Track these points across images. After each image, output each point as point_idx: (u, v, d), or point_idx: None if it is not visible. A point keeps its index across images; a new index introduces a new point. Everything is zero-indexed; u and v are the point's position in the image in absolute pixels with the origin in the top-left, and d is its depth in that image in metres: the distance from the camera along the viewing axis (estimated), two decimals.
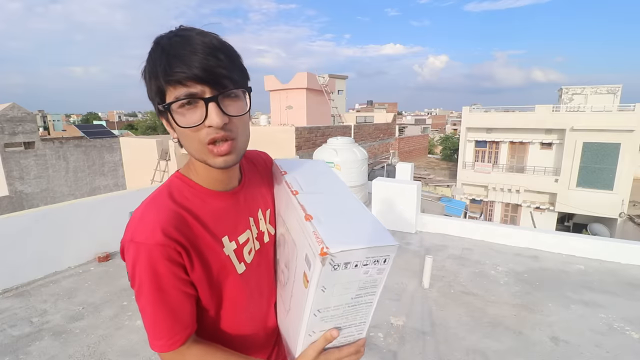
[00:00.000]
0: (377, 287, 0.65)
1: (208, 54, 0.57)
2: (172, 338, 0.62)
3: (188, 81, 0.56)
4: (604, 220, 15.70)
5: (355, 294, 0.64)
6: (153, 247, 0.58)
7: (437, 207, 9.87)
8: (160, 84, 0.58)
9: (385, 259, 0.62)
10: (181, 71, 0.55)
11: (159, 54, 0.58)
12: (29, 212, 3.57)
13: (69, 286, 3.30)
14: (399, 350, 2.44)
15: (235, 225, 0.72)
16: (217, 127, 0.58)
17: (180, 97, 0.57)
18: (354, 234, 0.62)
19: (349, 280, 0.62)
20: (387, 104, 49.57)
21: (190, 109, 0.58)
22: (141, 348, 2.42)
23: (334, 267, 0.59)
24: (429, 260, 3.35)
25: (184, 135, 0.61)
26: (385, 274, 0.64)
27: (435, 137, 37.37)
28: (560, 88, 19.58)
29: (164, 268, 0.59)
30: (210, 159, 0.62)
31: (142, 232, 0.59)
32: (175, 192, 0.67)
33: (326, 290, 0.61)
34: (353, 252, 0.59)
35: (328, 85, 15.01)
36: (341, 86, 23.46)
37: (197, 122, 0.58)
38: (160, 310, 0.61)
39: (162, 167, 11.81)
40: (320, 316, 0.65)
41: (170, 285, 0.61)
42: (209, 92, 0.57)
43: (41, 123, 53.66)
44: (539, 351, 2.44)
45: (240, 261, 0.71)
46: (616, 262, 3.93)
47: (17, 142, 11.28)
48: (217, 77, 0.57)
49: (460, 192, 17.65)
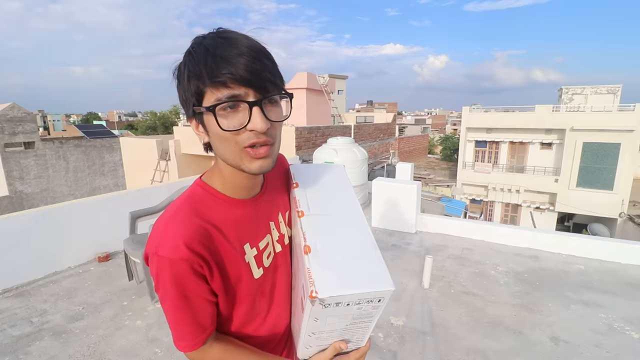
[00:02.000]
0: (373, 318, 0.66)
1: (254, 57, 0.56)
2: (193, 340, 0.65)
3: (233, 83, 0.55)
4: (604, 220, 15.70)
5: (350, 322, 0.66)
6: (177, 262, 0.60)
7: (437, 207, 9.87)
8: (200, 85, 0.57)
9: (380, 299, 0.62)
10: (228, 72, 0.55)
11: (203, 54, 0.56)
12: (29, 212, 3.56)
13: (69, 286, 3.30)
14: (399, 350, 2.44)
15: (256, 231, 0.73)
16: (259, 132, 0.58)
17: (222, 99, 0.56)
18: (349, 275, 0.62)
19: (342, 313, 0.63)
20: (387, 104, 49.57)
21: (232, 112, 0.57)
22: (141, 348, 2.42)
23: (324, 306, 0.60)
24: (429, 260, 3.35)
25: (221, 138, 0.60)
26: (380, 310, 0.65)
27: (435, 137, 37.37)
28: (560, 88, 19.58)
29: (186, 280, 0.61)
30: (247, 163, 0.61)
31: (166, 245, 0.60)
32: (197, 202, 0.67)
33: (319, 320, 0.63)
34: (343, 296, 0.59)
35: (328, 85, 15.01)
36: (341, 86, 23.46)
37: (239, 126, 0.58)
38: (183, 316, 0.64)
39: (162, 167, 11.81)
40: (315, 337, 0.68)
41: (192, 294, 0.63)
42: (253, 95, 0.57)
43: (41, 123, 53.67)
44: (539, 351, 2.44)
45: (259, 266, 0.72)
46: (616, 262, 3.93)
47: (17, 142, 11.28)
48: (262, 81, 0.57)
49: (460, 192, 17.65)
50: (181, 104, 0.63)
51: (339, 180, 0.84)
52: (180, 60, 0.61)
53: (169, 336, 2.54)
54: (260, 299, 0.75)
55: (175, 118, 35.26)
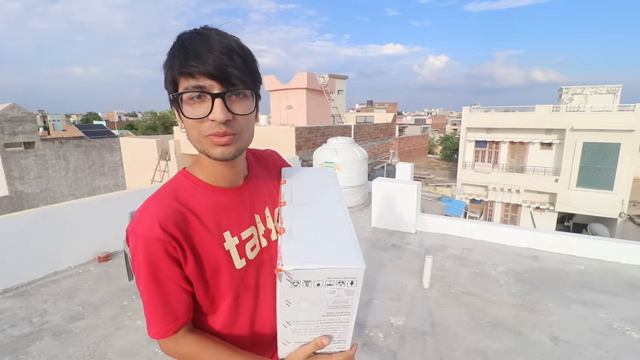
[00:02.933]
0: (350, 308, 0.64)
1: (223, 53, 0.60)
2: (165, 327, 0.66)
3: (199, 75, 0.60)
4: (604, 220, 15.69)
5: (326, 312, 0.63)
6: (150, 240, 0.62)
7: (437, 207, 9.87)
8: (174, 75, 0.62)
9: (352, 281, 0.60)
10: (195, 65, 0.59)
11: (178, 47, 0.62)
12: (29, 212, 3.56)
13: (69, 286, 3.30)
14: (399, 350, 2.44)
15: (238, 220, 0.74)
16: (219, 122, 0.61)
17: (189, 88, 0.61)
18: (319, 252, 0.61)
19: (314, 298, 0.61)
20: (387, 104, 49.57)
21: (198, 102, 0.62)
22: (141, 348, 2.42)
23: (293, 284, 0.59)
24: (429, 260, 3.35)
25: (189, 125, 0.64)
26: (356, 296, 0.62)
27: (435, 137, 37.37)
28: (560, 88, 19.58)
29: (159, 261, 0.63)
30: (210, 149, 0.65)
31: (142, 224, 0.64)
32: (178, 188, 0.70)
33: (291, 304, 0.62)
34: (309, 271, 0.58)
35: (328, 85, 15.01)
36: (341, 86, 23.45)
37: (202, 115, 0.61)
38: (155, 299, 0.65)
39: (162, 167, 11.81)
40: (291, 328, 0.65)
41: (164, 277, 0.64)
42: (218, 88, 0.61)
43: (41, 123, 53.65)
44: (539, 351, 2.44)
45: (242, 257, 0.73)
46: (616, 262, 3.93)
47: (17, 142, 11.28)
48: (227, 76, 0.60)
49: (460, 192, 17.65)
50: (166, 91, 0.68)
51: (327, 180, 0.86)
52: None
53: None
54: (245, 293, 0.74)
55: (175, 118, 35.28)
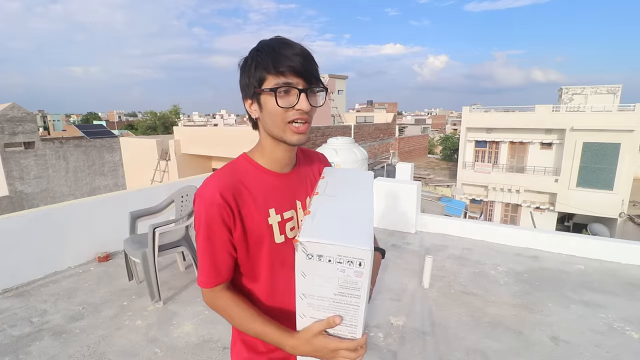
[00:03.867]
0: (360, 291, 0.68)
1: (306, 57, 0.77)
2: (208, 279, 0.80)
3: (289, 73, 0.75)
4: (604, 220, 15.70)
5: (337, 291, 0.68)
6: (211, 204, 0.76)
7: (437, 207, 9.87)
8: (264, 73, 0.75)
9: (360, 262, 0.65)
10: (287, 64, 0.74)
11: (269, 51, 0.76)
12: (29, 212, 3.56)
13: (69, 286, 3.30)
14: (399, 350, 2.44)
15: (282, 201, 0.86)
16: (304, 111, 0.77)
17: (280, 84, 0.75)
18: (334, 232, 0.68)
19: (326, 274, 0.67)
20: (387, 104, 49.54)
21: (285, 95, 0.76)
22: (141, 348, 2.42)
23: (308, 256, 0.66)
24: (429, 260, 3.35)
25: (273, 114, 0.77)
26: (364, 279, 0.66)
27: (435, 137, 37.37)
28: (560, 88, 19.58)
29: (214, 223, 0.77)
30: (289, 135, 0.79)
31: (206, 190, 0.78)
32: (238, 167, 0.85)
33: (306, 277, 0.68)
34: (322, 245, 0.65)
35: (328, 85, 15.01)
36: (341, 86, 23.45)
37: (290, 105, 0.76)
38: (205, 254, 0.79)
39: (162, 167, 11.81)
40: (307, 301, 0.71)
41: (216, 238, 0.78)
42: (302, 84, 0.76)
43: (41, 123, 53.65)
44: (539, 351, 2.44)
45: (282, 233, 0.85)
46: (616, 262, 3.93)
47: (17, 142, 11.28)
48: (309, 75, 0.77)
49: (460, 192, 17.65)
50: (242, 87, 0.82)
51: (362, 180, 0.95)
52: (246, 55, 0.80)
53: (168, 336, 2.54)
54: (281, 268, 0.85)
55: (175, 118, 35.22)
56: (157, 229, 2.81)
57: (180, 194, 3.38)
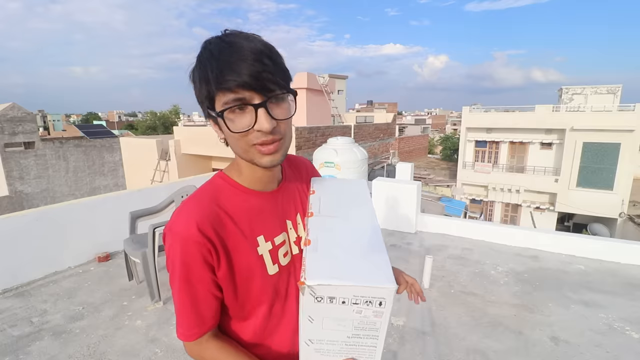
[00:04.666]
0: (378, 331, 0.60)
1: (255, 59, 0.59)
2: (190, 330, 0.67)
3: (237, 88, 0.58)
4: (604, 220, 15.70)
5: (352, 333, 0.60)
6: (187, 241, 0.62)
7: (437, 207, 9.87)
8: (210, 89, 0.60)
9: (381, 302, 0.57)
10: (231, 79, 0.58)
11: (208, 59, 0.60)
12: (29, 212, 3.56)
13: (69, 286, 3.30)
14: (399, 350, 2.44)
15: (271, 225, 0.74)
16: (266, 132, 0.61)
17: (229, 102, 0.60)
18: (345, 269, 0.59)
19: (339, 316, 0.59)
20: (387, 104, 49.55)
21: (240, 114, 0.61)
22: (141, 348, 2.42)
23: (317, 299, 0.57)
24: (429, 260, 3.35)
25: (233, 138, 0.64)
26: (384, 318, 0.59)
27: (435, 137, 37.37)
28: (560, 88, 19.59)
29: (193, 263, 0.63)
30: (258, 158, 0.65)
31: (179, 224, 0.64)
32: (216, 190, 0.70)
33: (314, 321, 0.59)
34: (334, 287, 0.56)
35: (328, 85, 15.02)
36: (341, 86, 23.46)
37: (247, 127, 0.61)
38: (185, 300, 0.66)
39: (162, 167, 11.81)
40: (314, 347, 0.62)
41: (196, 280, 0.65)
42: (258, 98, 0.60)
43: (41, 123, 53.65)
44: (539, 351, 2.44)
45: (274, 262, 0.72)
46: (616, 262, 3.93)
47: (17, 142, 11.28)
48: (263, 83, 0.59)
49: (460, 192, 17.65)
50: (199, 104, 0.67)
51: (357, 192, 0.85)
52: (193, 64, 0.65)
53: (168, 336, 2.54)
54: (271, 298, 0.72)
55: (175, 118, 35.23)
56: (157, 229, 2.80)
57: (180, 194, 3.38)
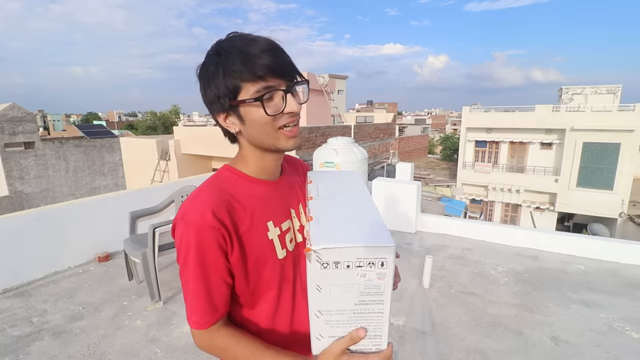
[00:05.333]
0: (384, 295, 0.61)
1: (277, 50, 0.66)
2: (203, 318, 0.67)
3: (268, 76, 0.64)
4: (604, 220, 15.70)
5: (358, 300, 0.61)
6: (202, 227, 0.64)
7: (437, 207, 9.87)
8: (238, 81, 0.64)
9: (383, 262, 0.59)
10: (264, 66, 0.63)
11: (237, 53, 0.64)
12: (29, 212, 3.56)
13: (69, 286, 3.30)
14: (399, 350, 2.44)
15: (279, 211, 0.77)
16: (294, 113, 0.68)
17: (261, 90, 0.64)
18: (347, 234, 0.61)
19: (345, 282, 0.60)
20: (387, 104, 49.56)
21: (268, 101, 0.66)
22: (141, 348, 2.42)
23: (323, 265, 0.58)
24: (429, 260, 3.35)
25: (261, 123, 0.67)
26: (388, 280, 0.60)
27: (435, 137, 37.38)
28: (560, 88, 19.60)
29: (208, 249, 0.65)
30: (283, 142, 0.70)
31: (193, 211, 0.65)
32: (224, 181, 0.73)
33: (322, 290, 0.60)
34: (339, 250, 0.58)
35: (328, 85, 15.02)
36: (341, 86, 23.46)
37: (278, 111, 0.67)
38: (199, 288, 0.66)
39: (162, 167, 11.81)
40: (324, 319, 0.63)
41: (210, 266, 0.66)
42: (284, 84, 0.67)
43: (41, 123, 53.66)
44: (539, 351, 2.44)
45: (283, 247, 0.75)
46: (616, 262, 3.93)
47: (17, 142, 11.28)
48: (288, 72, 0.67)
49: (460, 192, 17.66)
50: (210, 101, 0.69)
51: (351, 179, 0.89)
52: (204, 62, 0.68)
53: (169, 336, 2.54)
54: (285, 285, 0.75)
55: (175, 118, 35.23)
56: (157, 229, 2.81)
57: (180, 194, 3.38)
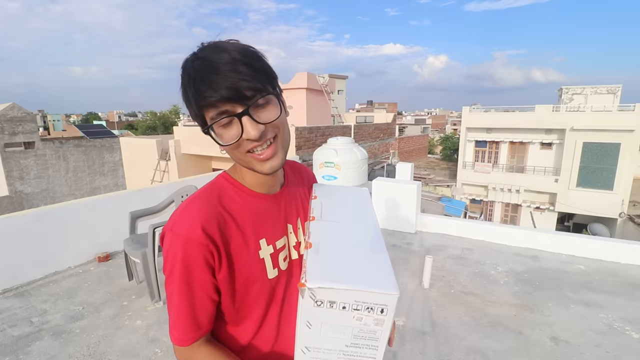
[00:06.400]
0: (378, 341, 0.57)
1: (229, 70, 0.58)
2: (185, 335, 0.65)
3: (218, 102, 0.59)
4: (604, 220, 15.70)
5: (350, 342, 0.58)
6: (190, 242, 0.61)
7: (437, 207, 9.87)
8: (196, 109, 0.62)
9: (383, 309, 0.54)
10: (209, 95, 0.58)
11: (187, 80, 0.61)
12: (29, 212, 3.56)
13: (69, 286, 3.30)
14: (399, 350, 2.44)
15: (273, 228, 0.73)
16: (254, 139, 0.61)
17: (214, 117, 0.61)
18: (347, 272, 0.57)
19: (338, 323, 0.56)
20: (387, 104, 49.57)
21: (227, 127, 0.62)
22: (141, 348, 2.42)
23: (317, 303, 0.55)
24: (429, 260, 3.35)
25: (229, 149, 0.65)
26: (386, 327, 0.56)
27: (435, 137, 37.37)
28: (560, 88, 19.59)
29: (195, 265, 0.62)
30: (258, 166, 0.66)
31: (182, 224, 0.63)
32: (220, 190, 0.70)
33: (312, 327, 0.57)
34: (336, 291, 0.54)
35: (328, 85, 15.02)
36: (341, 86, 23.46)
37: (235, 138, 0.62)
38: (182, 303, 0.64)
39: (162, 167, 11.80)
40: (310, 355, 0.60)
41: (196, 283, 0.63)
42: (239, 107, 0.60)
43: (41, 123, 53.67)
44: (539, 351, 2.44)
45: (275, 267, 0.72)
46: (616, 262, 3.93)
47: (17, 142, 11.28)
48: (240, 92, 0.59)
49: (460, 192, 17.66)
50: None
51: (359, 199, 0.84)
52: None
53: (168, 336, 2.54)
54: (273, 305, 0.72)
55: (175, 118, 35.25)
56: (157, 229, 2.80)
57: (180, 194, 3.38)
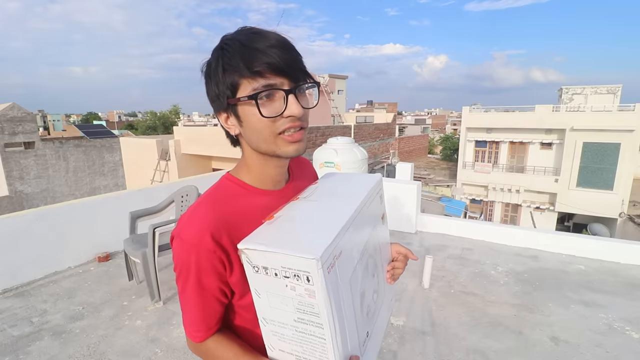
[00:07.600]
0: (321, 318, 0.53)
1: (285, 47, 0.60)
2: (196, 332, 0.68)
3: (269, 73, 0.58)
4: (604, 220, 15.70)
5: (296, 316, 0.55)
6: (198, 250, 0.61)
7: (437, 207, 9.88)
8: (236, 77, 0.59)
9: (309, 278, 0.50)
10: (264, 62, 0.58)
11: (238, 47, 0.59)
12: (29, 212, 3.56)
13: (69, 286, 3.30)
14: (399, 350, 2.44)
15: None
16: (296, 117, 0.61)
17: (259, 88, 0.59)
18: (281, 238, 0.55)
19: (277, 292, 0.54)
20: (387, 104, 49.56)
21: (268, 101, 0.60)
22: (141, 348, 2.42)
23: (255, 269, 0.54)
24: (429, 260, 3.35)
25: (258, 127, 0.62)
26: (320, 300, 0.51)
27: (435, 137, 37.38)
28: (560, 88, 19.59)
29: (204, 272, 0.62)
30: (283, 148, 0.64)
31: (190, 229, 0.62)
32: (225, 192, 0.69)
33: (260, 296, 0.56)
34: (262, 253, 0.52)
35: (328, 85, 15.03)
36: (341, 86, 23.46)
37: (276, 113, 0.60)
38: (192, 307, 0.66)
39: (162, 167, 11.81)
40: (270, 328, 0.59)
41: (204, 288, 0.64)
42: (288, 84, 0.60)
43: (41, 123, 53.69)
44: (539, 351, 2.44)
45: None
46: (616, 262, 3.93)
47: (17, 142, 11.28)
48: (294, 71, 0.61)
49: (460, 192, 17.66)
50: (212, 99, 0.65)
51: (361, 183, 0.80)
52: (208, 58, 0.64)
53: (168, 336, 2.54)
54: None
55: (175, 118, 35.25)
56: (157, 229, 2.81)
57: (180, 194, 3.38)
